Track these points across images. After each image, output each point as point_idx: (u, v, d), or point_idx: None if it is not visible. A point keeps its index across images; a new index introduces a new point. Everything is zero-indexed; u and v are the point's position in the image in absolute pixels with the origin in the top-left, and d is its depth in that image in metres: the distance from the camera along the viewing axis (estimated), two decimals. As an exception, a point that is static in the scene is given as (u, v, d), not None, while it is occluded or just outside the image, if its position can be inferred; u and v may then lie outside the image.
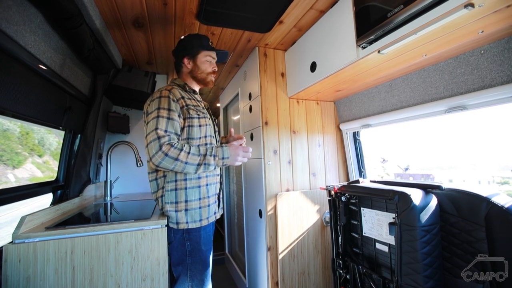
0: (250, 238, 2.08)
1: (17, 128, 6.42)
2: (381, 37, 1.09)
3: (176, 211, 1.24)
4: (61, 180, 1.62)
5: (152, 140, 1.14)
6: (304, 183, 1.90)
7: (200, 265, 1.27)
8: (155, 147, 1.13)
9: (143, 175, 2.35)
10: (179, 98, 1.28)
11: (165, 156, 1.12)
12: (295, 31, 1.68)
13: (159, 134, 1.15)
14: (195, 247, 1.26)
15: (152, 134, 1.15)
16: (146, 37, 1.73)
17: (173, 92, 1.27)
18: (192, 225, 1.25)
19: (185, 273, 1.26)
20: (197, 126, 1.29)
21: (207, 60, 1.41)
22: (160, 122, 1.17)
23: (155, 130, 1.15)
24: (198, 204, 1.27)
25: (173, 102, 1.23)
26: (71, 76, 1.42)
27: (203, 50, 1.39)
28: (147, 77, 2.11)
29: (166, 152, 1.12)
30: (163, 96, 1.23)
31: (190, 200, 1.26)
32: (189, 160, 1.16)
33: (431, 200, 1.11)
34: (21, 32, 0.97)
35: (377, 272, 1.30)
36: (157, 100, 1.22)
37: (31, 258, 1.02)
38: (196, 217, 1.26)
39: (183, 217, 1.24)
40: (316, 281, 1.82)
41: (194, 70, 1.40)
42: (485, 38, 1.03)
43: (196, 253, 1.26)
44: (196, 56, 1.39)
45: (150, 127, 1.17)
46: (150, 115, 1.21)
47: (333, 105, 2.06)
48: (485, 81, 1.12)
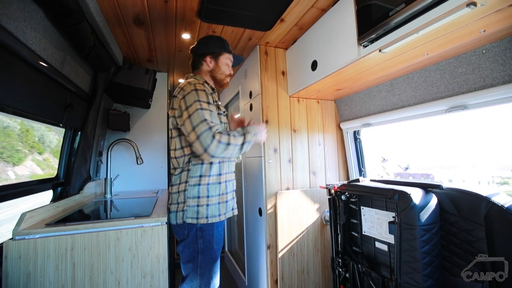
0: (250, 237, 2.09)
1: (17, 126, 6.42)
2: (383, 35, 1.09)
3: (198, 206, 1.27)
4: (61, 177, 1.63)
5: (204, 131, 1.16)
6: (304, 182, 1.90)
7: (210, 263, 1.29)
8: (209, 137, 1.15)
9: (143, 172, 2.35)
10: (211, 93, 1.32)
11: (219, 143, 1.16)
12: (296, 29, 1.67)
13: (210, 125, 1.18)
14: (207, 245, 1.27)
15: (202, 125, 1.17)
16: (147, 34, 1.73)
17: (206, 86, 1.32)
18: (211, 219, 1.27)
19: (195, 271, 1.27)
20: (220, 123, 1.33)
21: (227, 62, 1.46)
22: (206, 114, 1.20)
23: (205, 121, 1.18)
24: (218, 200, 1.31)
25: (209, 96, 1.28)
26: (72, 73, 1.42)
27: (226, 53, 1.44)
28: (147, 74, 2.11)
29: (219, 140, 1.17)
30: (199, 89, 1.25)
31: (211, 196, 1.29)
32: (237, 141, 1.22)
33: (431, 199, 1.11)
34: (22, 29, 0.97)
35: (377, 271, 1.30)
36: (194, 93, 1.24)
37: (31, 255, 1.02)
38: (216, 212, 1.29)
39: (204, 212, 1.26)
40: (316, 279, 1.82)
41: (215, 70, 1.44)
42: (487, 37, 1.03)
43: (208, 251, 1.28)
44: (219, 57, 1.43)
45: (195, 119, 1.18)
46: (190, 107, 1.21)
47: (334, 104, 2.06)
48: (487, 81, 1.12)
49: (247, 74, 2.11)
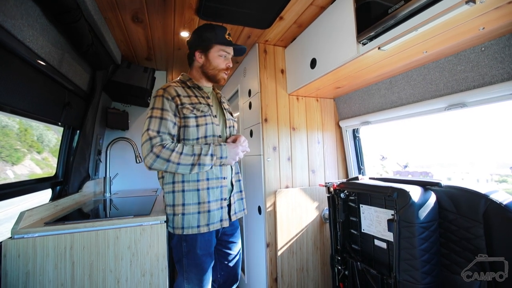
0: (249, 235, 2.09)
1: (16, 125, 6.38)
2: (382, 33, 1.08)
3: (174, 215, 1.19)
4: (60, 176, 1.62)
5: (144, 141, 1.13)
6: (303, 180, 1.90)
7: (195, 268, 1.20)
8: (147, 148, 1.11)
9: (143, 171, 2.35)
10: (174, 96, 1.20)
11: (156, 157, 1.10)
12: (295, 27, 1.67)
13: (150, 135, 1.12)
14: (190, 249, 1.20)
15: (144, 135, 1.14)
16: (145, 32, 1.72)
17: (168, 90, 1.21)
18: (188, 231, 1.17)
19: (181, 273, 1.23)
20: (193, 126, 1.21)
21: (220, 55, 1.29)
22: (152, 123, 1.15)
23: (147, 131, 1.13)
24: (197, 209, 1.19)
25: (167, 101, 1.18)
26: (70, 71, 1.41)
27: (217, 44, 1.28)
28: (146, 73, 2.10)
29: (157, 154, 1.10)
30: (157, 95, 1.21)
31: (187, 204, 1.19)
32: (182, 160, 1.13)
33: (430, 197, 1.11)
34: (19, 26, 0.96)
35: (375, 268, 1.31)
36: (152, 100, 1.21)
37: (30, 253, 1.02)
38: (194, 222, 1.18)
39: (179, 221, 1.18)
40: (315, 277, 1.83)
41: (205, 65, 1.30)
42: (486, 35, 1.03)
43: (191, 256, 1.20)
44: (209, 50, 1.28)
45: (144, 127, 1.16)
46: (147, 114, 1.20)
47: (333, 102, 2.06)
48: (486, 78, 1.12)
49: (246, 73, 2.10)
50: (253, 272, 2.02)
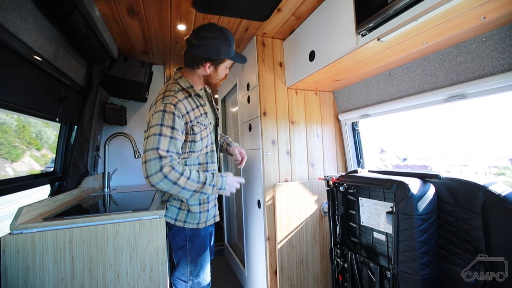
0: (249, 229, 2.10)
1: (14, 122, 6.36)
2: (381, 24, 1.06)
3: (180, 209, 1.29)
4: (58, 172, 1.62)
5: (152, 159, 1.09)
6: (303, 174, 1.90)
7: (199, 248, 1.31)
8: (155, 167, 1.08)
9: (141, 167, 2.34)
10: (185, 114, 1.20)
11: (163, 178, 1.09)
12: (293, 19, 1.64)
13: (161, 155, 1.09)
14: (194, 232, 1.30)
15: (152, 153, 1.09)
16: (141, 25, 1.69)
17: (178, 107, 1.17)
18: (188, 225, 1.28)
19: (184, 257, 1.30)
20: (199, 140, 1.26)
21: (227, 66, 1.33)
22: (162, 141, 1.11)
23: (157, 149, 1.09)
24: (199, 209, 1.30)
25: (178, 119, 1.16)
26: (65, 65, 1.39)
27: (229, 59, 1.29)
28: (143, 67, 2.08)
29: (166, 175, 1.09)
30: (167, 111, 1.14)
31: (191, 204, 1.29)
32: (187, 186, 1.14)
33: (429, 189, 1.11)
34: (11, 19, 0.94)
35: (374, 261, 1.32)
36: (160, 114, 1.14)
37: (29, 249, 1.02)
38: (195, 219, 1.29)
39: (183, 216, 1.28)
40: (314, 270, 1.84)
41: (212, 76, 1.30)
42: (487, 24, 1.01)
43: (195, 238, 1.30)
44: (220, 64, 1.28)
45: (150, 143, 1.11)
46: (151, 128, 1.13)
47: (332, 96, 2.04)
48: (486, 69, 1.11)
49: (244, 66, 2.08)
50: (253, 265, 2.04)
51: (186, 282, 1.31)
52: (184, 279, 1.31)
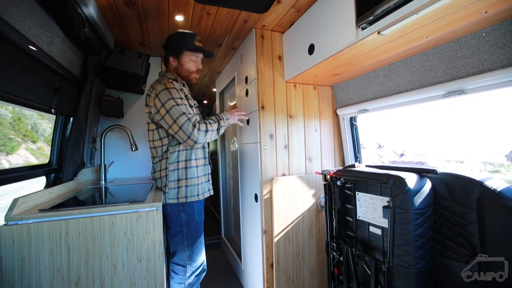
0: (246, 222, 2.11)
1: (9, 113, 6.27)
2: (382, 17, 1.05)
3: (178, 187, 1.44)
4: (54, 164, 1.60)
5: (184, 123, 1.34)
6: (300, 168, 1.90)
7: (195, 233, 1.47)
8: (189, 127, 1.35)
9: (138, 159, 2.33)
10: (180, 89, 1.44)
11: (199, 131, 1.37)
12: (293, 11, 1.62)
13: (188, 117, 1.36)
14: (190, 217, 1.45)
15: (182, 118, 1.34)
16: (139, 16, 1.66)
17: (175, 84, 1.43)
18: (190, 199, 1.45)
19: (182, 243, 1.44)
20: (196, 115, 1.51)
21: (191, 59, 1.54)
22: (183, 108, 1.37)
23: (183, 114, 1.35)
24: (196, 181, 1.48)
25: (179, 92, 1.41)
26: (60, 55, 1.37)
27: (187, 51, 1.51)
28: (140, 59, 2.05)
29: (199, 128, 1.38)
30: (170, 88, 1.38)
31: (190, 178, 1.46)
32: (213, 127, 1.44)
33: (425, 184, 1.12)
34: (3, 5, 0.91)
35: (370, 254, 1.33)
36: (166, 92, 1.37)
37: (25, 240, 1.02)
38: (194, 192, 1.47)
39: (183, 192, 1.44)
40: (310, 263, 1.86)
41: (179, 68, 1.54)
42: (488, 19, 1.00)
43: (191, 223, 1.45)
44: (181, 56, 1.52)
45: (175, 113, 1.34)
46: (166, 104, 1.35)
47: (331, 90, 2.03)
48: (485, 65, 1.10)
49: (243, 59, 2.06)
50: (250, 258, 2.05)
51: (184, 267, 1.45)
52: (182, 263, 1.45)
